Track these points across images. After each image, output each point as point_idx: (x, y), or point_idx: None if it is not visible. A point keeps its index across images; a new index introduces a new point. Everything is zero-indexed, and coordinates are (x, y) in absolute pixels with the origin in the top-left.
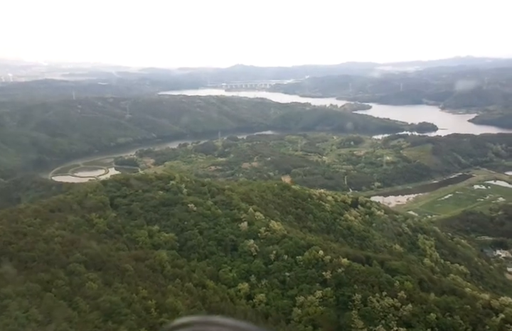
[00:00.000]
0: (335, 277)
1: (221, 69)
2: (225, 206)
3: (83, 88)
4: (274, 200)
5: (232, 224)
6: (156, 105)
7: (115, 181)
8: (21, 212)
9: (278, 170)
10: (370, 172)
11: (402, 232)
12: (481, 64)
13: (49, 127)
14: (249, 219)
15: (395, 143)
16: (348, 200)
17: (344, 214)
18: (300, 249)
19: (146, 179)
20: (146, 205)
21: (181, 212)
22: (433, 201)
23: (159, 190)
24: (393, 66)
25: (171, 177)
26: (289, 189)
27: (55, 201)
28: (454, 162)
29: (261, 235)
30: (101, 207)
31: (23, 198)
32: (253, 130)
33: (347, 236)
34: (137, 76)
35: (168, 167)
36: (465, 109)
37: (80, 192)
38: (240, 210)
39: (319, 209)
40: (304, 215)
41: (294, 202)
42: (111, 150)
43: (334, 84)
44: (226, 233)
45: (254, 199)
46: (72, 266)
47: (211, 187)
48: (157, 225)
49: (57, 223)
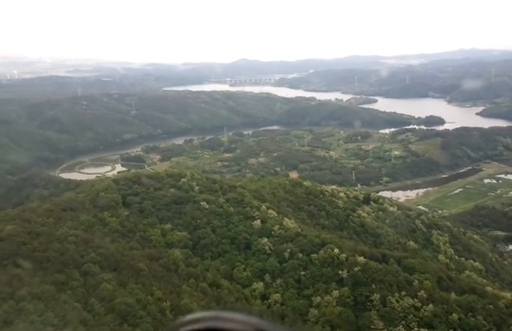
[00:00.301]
0: (351, 276)
1: (225, 64)
2: (237, 204)
3: (88, 84)
4: (287, 197)
5: (245, 221)
6: (161, 101)
7: (126, 179)
8: (33, 211)
9: (285, 166)
10: (378, 167)
11: (416, 229)
12: (485, 57)
13: (55, 124)
14: (262, 216)
15: (402, 138)
16: (360, 196)
17: (357, 211)
18: (315, 247)
19: (157, 177)
20: (158, 203)
21: (193, 210)
22: (443, 196)
23: (171, 187)
24: (397, 59)
25: (181, 174)
26: (301, 186)
27: (67, 200)
28: (463, 156)
29: (275, 233)
30: (113, 205)
31: (32, 195)
32: (259, 125)
33: (360, 233)
34: (141, 71)
35: (175, 164)
36: (472, 102)
37: (92, 191)
38: (253, 208)
39: (332, 205)
40: (316, 212)
41: (306, 199)
42: (116, 147)
43: (339, 78)
44: (239, 231)
45: (267, 196)
46: (87, 266)
47: (223, 184)
48: (169, 223)
49: (70, 222)
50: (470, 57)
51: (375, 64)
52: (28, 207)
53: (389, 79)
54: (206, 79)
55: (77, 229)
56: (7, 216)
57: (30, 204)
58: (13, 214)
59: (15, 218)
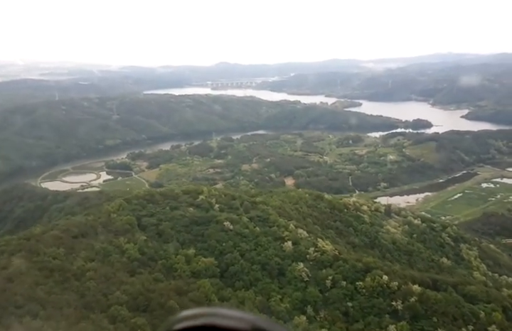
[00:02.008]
0: (408, 308)
1: (205, 67)
2: (262, 222)
3: (65, 88)
4: (311, 213)
5: (275, 243)
6: (144, 105)
7: (139, 198)
8: (40, 239)
9: (279, 172)
10: (374, 172)
11: (444, 243)
12: (462, 60)
13: (33, 130)
14: (293, 237)
15: (395, 142)
16: (382, 209)
17: (384, 226)
18: (358, 273)
19: (172, 194)
20: (176, 225)
21: (217, 232)
22: (443, 201)
23: (188, 206)
24: (375, 63)
25: (198, 191)
26: (322, 199)
27: (77, 224)
28: (457, 160)
29: (310, 257)
30: (128, 229)
31: (16, 209)
32: (245, 129)
33: (393, 251)
34: (119, 74)
35: (164, 171)
36: (455, 105)
37: (102, 213)
38: (280, 227)
39: (358, 221)
40: (344, 229)
41: (331, 215)
42: (99, 153)
43: (321, 82)
44: (270, 255)
45: (292, 213)
46: (114, 309)
47: (243, 200)
48: (192, 248)
49: (84, 252)
50: (447, 61)
51: (354, 68)
52: (33, 235)
53: (371, 83)
54: (187, 83)
55: (92, 259)
56: (9, 246)
57: (34, 229)
58: (15, 243)
59: (20, 249)
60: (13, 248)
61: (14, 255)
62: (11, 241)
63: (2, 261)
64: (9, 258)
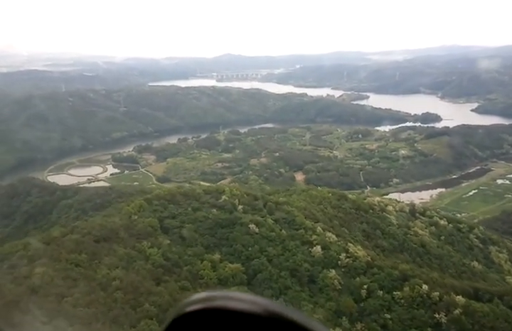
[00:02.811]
0: (453, 321)
1: (209, 59)
2: (287, 224)
3: (70, 79)
4: (336, 214)
5: (303, 248)
6: (150, 97)
7: (159, 198)
8: (60, 244)
9: (289, 167)
10: (386, 168)
11: (472, 245)
12: (469, 53)
13: (40, 122)
14: (321, 241)
15: (405, 136)
16: (406, 208)
17: (412, 228)
18: (395, 282)
19: (193, 194)
20: (200, 227)
21: (242, 235)
22: (458, 198)
23: (211, 207)
24: (381, 55)
25: (219, 190)
26: (346, 199)
27: (97, 227)
28: (470, 155)
29: (341, 263)
30: (151, 232)
31: (24, 205)
32: (252, 122)
33: (423, 255)
34: (123, 66)
35: (172, 165)
36: (465, 98)
37: (123, 214)
38: (307, 230)
39: (385, 222)
40: (371, 231)
41: (356, 216)
42: (106, 146)
43: (327, 74)
44: (299, 261)
45: (318, 214)
46: (145, 324)
47: (266, 200)
48: (218, 253)
49: (108, 258)
50: (453, 53)
51: (360, 60)
52: (53, 238)
53: (378, 75)
54: (192, 74)
55: (117, 266)
56: (28, 250)
57: (53, 231)
58: (35, 248)
59: (41, 256)
60: (33, 253)
61: (35, 262)
62: (29, 245)
63: (23, 268)
64: (31, 266)
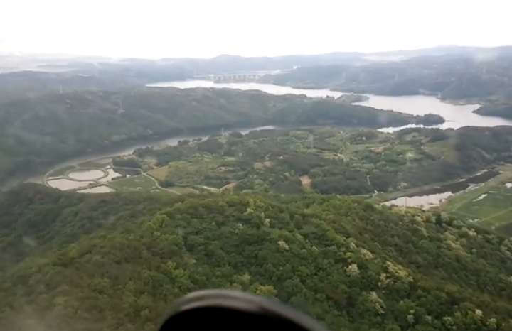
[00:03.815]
0: None
1: (206, 60)
2: (317, 240)
3: (66, 80)
4: (365, 227)
5: (337, 266)
6: (149, 98)
7: (181, 211)
8: (80, 267)
9: (294, 171)
10: (393, 171)
11: (504, 257)
12: (466, 53)
13: (37, 125)
14: (357, 259)
15: (410, 138)
16: (433, 218)
17: (444, 240)
18: (444, 306)
19: (216, 207)
20: (226, 244)
21: (272, 253)
22: (468, 202)
23: (236, 220)
24: (378, 55)
25: (243, 201)
26: (373, 209)
27: (118, 246)
28: (478, 158)
29: (382, 284)
30: (175, 250)
31: (27, 212)
32: (252, 124)
33: (459, 270)
34: (119, 67)
35: (174, 169)
36: (465, 100)
37: (144, 231)
38: (340, 246)
39: (417, 235)
40: (404, 246)
41: (386, 228)
42: (105, 149)
43: (325, 75)
44: (334, 281)
45: (348, 228)
46: None
47: (292, 212)
48: (247, 273)
49: (132, 283)
50: (450, 54)
51: (356, 61)
52: (70, 259)
53: (376, 76)
54: (188, 75)
55: (143, 292)
56: (45, 274)
57: (68, 249)
58: (52, 273)
59: (60, 282)
60: (51, 278)
61: (54, 288)
62: (45, 268)
63: (41, 296)
64: (50, 293)
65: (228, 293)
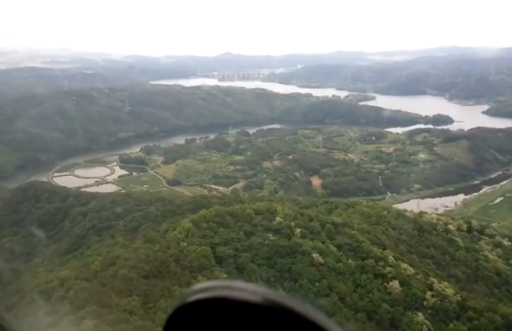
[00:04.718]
0: None
1: (209, 58)
2: (353, 252)
3: (70, 77)
4: (399, 237)
5: (376, 282)
6: (155, 96)
7: (206, 220)
8: (106, 283)
9: (304, 170)
10: (406, 173)
11: None
12: (470, 54)
13: (44, 121)
14: (398, 275)
15: (421, 139)
16: (464, 226)
17: (481, 251)
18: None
19: (243, 215)
20: (257, 257)
21: (306, 267)
22: (485, 206)
23: (265, 230)
24: (381, 55)
25: (271, 209)
26: (404, 217)
27: (143, 258)
28: (492, 160)
29: (427, 303)
30: (204, 264)
31: (34, 211)
32: (259, 123)
33: (500, 285)
34: (123, 64)
35: (182, 167)
36: (474, 100)
37: (169, 241)
38: (378, 260)
39: (453, 246)
40: (441, 258)
41: (420, 239)
42: (112, 147)
43: (330, 74)
44: (375, 300)
45: (382, 238)
46: None
47: (322, 221)
48: (281, 289)
49: (163, 301)
50: (455, 54)
51: (360, 60)
52: (93, 272)
53: (382, 76)
54: (192, 73)
55: None
56: (67, 288)
57: (90, 260)
58: (76, 289)
59: (85, 298)
60: (76, 294)
61: (81, 308)
62: (68, 282)
63: (68, 319)
64: (76, 314)
65: (234, 284)
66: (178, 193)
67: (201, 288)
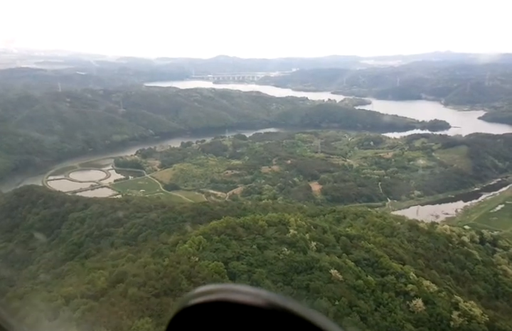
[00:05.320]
0: None
1: (203, 60)
2: (371, 267)
3: (64, 78)
4: (416, 250)
5: (399, 301)
6: (150, 98)
7: (217, 231)
8: (115, 303)
9: (302, 176)
10: (405, 179)
11: None
12: (465, 59)
13: (37, 123)
14: (421, 292)
15: (419, 144)
16: (476, 237)
17: (498, 265)
18: None
19: (255, 227)
20: (272, 273)
21: (325, 284)
22: (486, 213)
23: (279, 243)
24: (375, 60)
25: (284, 221)
26: (418, 228)
27: (154, 275)
28: (491, 166)
29: (454, 324)
30: (218, 280)
31: (30, 217)
32: (255, 126)
33: None
34: (117, 65)
35: (179, 171)
36: (469, 106)
37: (180, 256)
38: (399, 276)
39: (470, 259)
40: (459, 273)
41: (437, 252)
42: (107, 149)
43: (325, 78)
44: (399, 320)
45: (399, 251)
46: None
47: (337, 234)
48: None
49: None
50: (449, 60)
51: (355, 65)
52: (100, 290)
53: (377, 80)
54: (187, 76)
55: None
56: (74, 309)
57: (96, 276)
58: (84, 308)
59: (94, 319)
60: (83, 315)
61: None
62: (74, 301)
63: None
64: None
65: (235, 288)
66: (177, 199)
67: (203, 291)
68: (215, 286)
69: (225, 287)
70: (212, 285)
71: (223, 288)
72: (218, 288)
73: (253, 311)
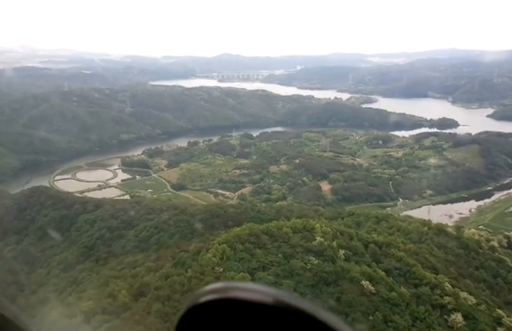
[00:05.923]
0: None
1: (208, 58)
2: (403, 278)
3: (69, 77)
4: (447, 258)
5: (436, 315)
6: (156, 97)
7: (242, 240)
8: (140, 320)
9: (312, 175)
10: (417, 178)
11: None
12: (470, 56)
13: (44, 123)
14: (459, 305)
15: (429, 143)
16: (504, 241)
17: None
18: None
19: (279, 234)
20: (300, 284)
21: (357, 297)
22: (501, 213)
23: (305, 252)
24: (380, 57)
25: (308, 227)
26: (447, 233)
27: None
28: (504, 165)
29: None
30: None
31: (39, 218)
32: (262, 125)
33: None
34: (121, 64)
35: (186, 171)
36: (478, 103)
37: (204, 266)
38: (434, 288)
39: (502, 267)
40: (492, 281)
41: (468, 259)
42: (113, 149)
43: (330, 76)
44: None
45: (431, 260)
46: None
47: (364, 240)
48: None
49: None
50: (455, 57)
51: (360, 62)
52: (123, 304)
53: (383, 78)
54: (191, 74)
55: None
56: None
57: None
58: (106, 328)
59: None
60: None
61: None
62: (94, 317)
63: None
64: None
65: (245, 285)
66: (185, 199)
67: (213, 289)
68: (224, 284)
69: (235, 285)
70: (221, 282)
71: (233, 286)
72: (228, 285)
73: (263, 309)
